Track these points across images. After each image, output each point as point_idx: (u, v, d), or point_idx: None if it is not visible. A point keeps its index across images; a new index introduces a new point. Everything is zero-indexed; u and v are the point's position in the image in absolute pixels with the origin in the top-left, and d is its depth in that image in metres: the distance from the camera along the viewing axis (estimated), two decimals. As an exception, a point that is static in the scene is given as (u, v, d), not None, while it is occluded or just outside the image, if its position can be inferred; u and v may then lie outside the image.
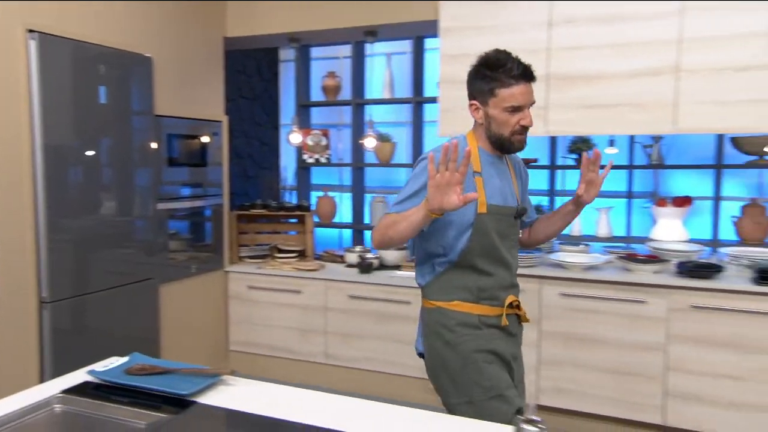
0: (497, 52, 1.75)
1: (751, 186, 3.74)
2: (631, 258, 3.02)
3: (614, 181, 4.08)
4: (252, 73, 4.78)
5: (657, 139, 3.77)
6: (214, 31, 3.76)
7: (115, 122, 2.96)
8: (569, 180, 4.26)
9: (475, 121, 1.80)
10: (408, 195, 1.71)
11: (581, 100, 2.94)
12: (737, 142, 3.42)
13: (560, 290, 2.93)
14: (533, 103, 1.74)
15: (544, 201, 4.17)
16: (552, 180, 4.21)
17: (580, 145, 3.96)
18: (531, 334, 2.99)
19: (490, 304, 1.76)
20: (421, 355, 1.87)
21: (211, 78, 3.76)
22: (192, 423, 1.32)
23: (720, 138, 3.51)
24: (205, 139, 3.65)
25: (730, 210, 3.57)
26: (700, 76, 2.73)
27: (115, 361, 1.60)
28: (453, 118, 3.24)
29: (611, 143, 3.77)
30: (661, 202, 3.57)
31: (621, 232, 4.05)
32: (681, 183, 3.94)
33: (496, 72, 1.70)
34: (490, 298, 1.75)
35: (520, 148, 1.77)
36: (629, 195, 4.07)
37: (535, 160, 4.08)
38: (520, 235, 1.96)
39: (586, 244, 3.43)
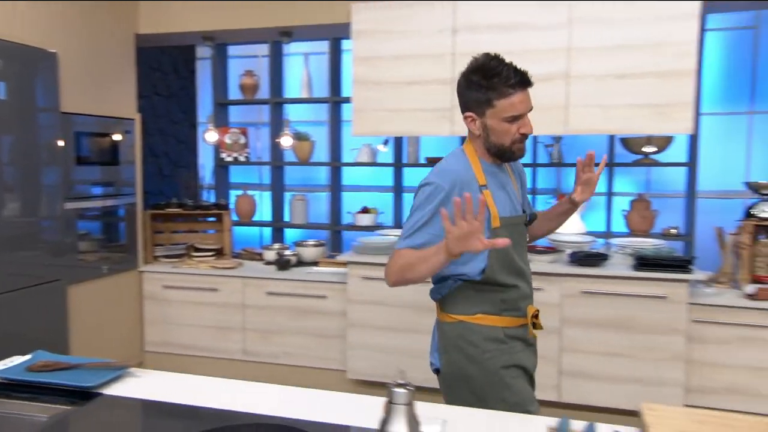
0: (489, 58, 1.65)
1: (639, 182, 4.11)
2: (531, 250, 3.26)
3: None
4: (168, 70, 4.71)
5: (557, 139, 4.07)
6: (124, 28, 3.70)
7: (17, 119, 2.87)
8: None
9: (471, 132, 1.72)
10: (417, 227, 1.62)
11: (484, 103, 3.14)
12: (626, 142, 3.75)
13: (466, 281, 3.11)
14: (531, 108, 1.67)
15: (456, 198, 4.38)
16: (464, 177, 4.43)
17: (489, 145, 4.20)
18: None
19: (513, 315, 1.69)
20: (437, 371, 1.78)
21: (122, 75, 3.69)
22: (96, 413, 1.35)
23: (611, 138, 3.83)
24: (116, 137, 3.59)
25: (621, 204, 3.91)
26: (587, 82, 2.99)
27: (16, 360, 1.60)
28: (366, 118, 3.36)
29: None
30: (561, 197, 3.85)
31: (527, 226, 4.33)
32: (579, 180, 4.27)
33: (491, 81, 1.60)
34: (513, 309, 1.69)
35: (521, 156, 1.72)
36: (533, 192, 4.35)
37: (448, 159, 4.28)
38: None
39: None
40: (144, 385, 1.49)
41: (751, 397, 2.81)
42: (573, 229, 3.66)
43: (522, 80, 1.62)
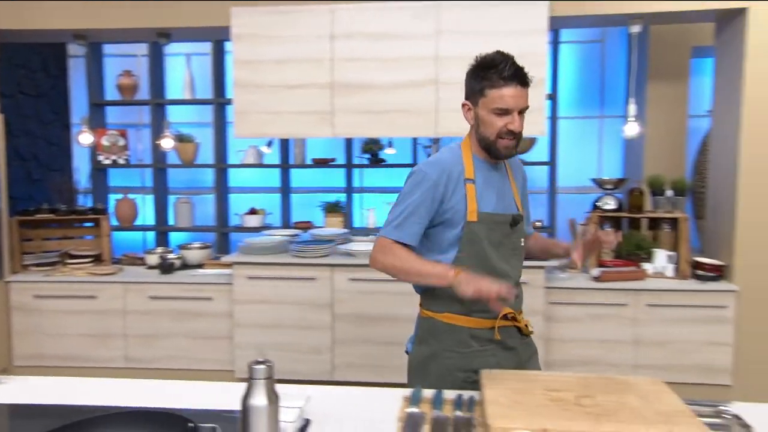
0: (495, 53, 1.65)
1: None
2: (409, 244, 3.47)
3: (401, 178, 4.57)
4: (36, 68, 4.45)
5: (435, 140, 4.34)
6: (-18, 23, 3.47)
7: None
8: (366, 178, 4.68)
9: (470, 126, 1.73)
10: (405, 216, 1.64)
11: (361, 106, 3.31)
12: (495, 143, 4.08)
13: (350, 276, 3.26)
14: (525, 108, 1.64)
15: (341, 197, 4.53)
16: (349, 178, 4.59)
17: (372, 146, 4.39)
18: (325, 318, 3.29)
19: (482, 317, 1.65)
20: (408, 353, 1.80)
21: (-18, 73, 3.46)
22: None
23: (482, 140, 4.14)
24: (-23, 138, 3.36)
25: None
26: (454, 88, 3.24)
27: None
28: (248, 120, 3.41)
29: (390, 144, 4.25)
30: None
31: (409, 223, 4.56)
32: (456, 179, 4.57)
33: (487, 72, 1.62)
34: (483, 310, 1.62)
35: (508, 155, 1.67)
36: (415, 190, 4.59)
37: (333, 160, 4.42)
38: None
39: (375, 234, 3.82)
40: (8, 390, 1.47)
41: (602, 366, 3.19)
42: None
43: (515, 74, 1.59)
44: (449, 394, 1.44)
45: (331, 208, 4.38)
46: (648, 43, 4.10)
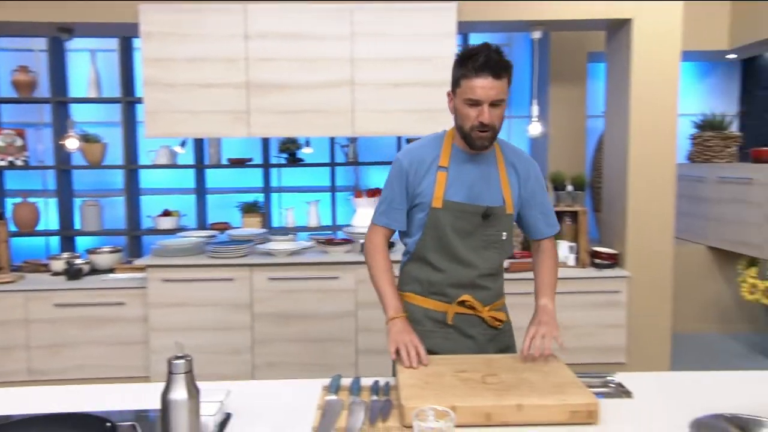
0: (482, 44, 1.62)
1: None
2: (328, 242, 3.52)
3: (319, 177, 4.63)
4: None
5: (353, 139, 4.41)
6: None
7: None
8: (284, 177, 4.68)
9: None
10: (385, 203, 1.75)
11: (277, 106, 3.32)
12: (411, 142, 4.21)
13: (269, 275, 3.27)
14: (499, 100, 1.59)
15: (259, 197, 4.51)
16: (266, 178, 4.57)
17: (289, 145, 4.40)
18: (244, 318, 3.28)
19: (438, 300, 1.72)
20: None
21: None
22: None
23: (399, 139, 4.27)
24: None
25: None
26: (369, 90, 3.33)
27: None
28: (160, 120, 3.33)
29: (307, 144, 4.29)
30: (358, 193, 4.18)
31: (328, 221, 4.62)
32: (374, 176, 4.67)
33: (465, 61, 1.60)
34: (439, 293, 1.72)
35: (481, 147, 1.65)
36: (332, 189, 4.66)
37: (250, 160, 4.39)
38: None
39: (294, 234, 3.85)
40: None
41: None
42: (365, 223, 4.01)
43: (485, 65, 1.56)
44: (366, 381, 1.52)
45: (249, 209, 4.35)
46: (549, 48, 4.38)
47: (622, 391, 1.43)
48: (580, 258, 3.52)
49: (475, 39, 4.61)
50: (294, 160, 4.43)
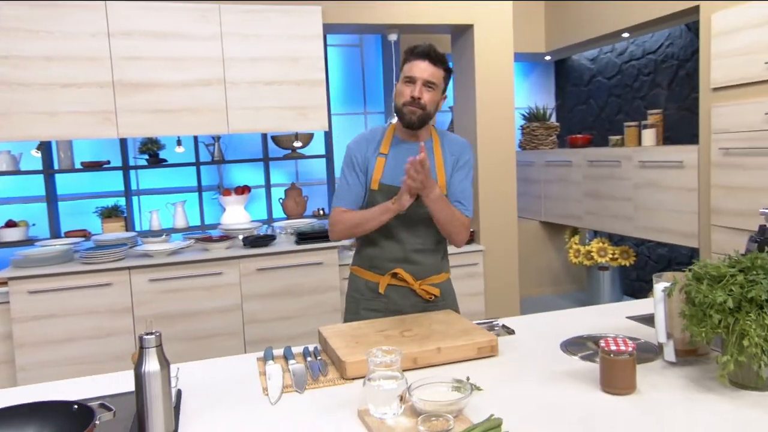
0: (430, 44, 1.87)
1: (289, 173, 4.78)
2: (207, 240, 3.55)
3: (185, 177, 4.56)
4: None
5: (216, 138, 4.42)
6: None
7: None
8: (143, 180, 4.53)
9: None
10: (344, 185, 1.94)
11: (147, 105, 3.28)
12: (276, 139, 4.34)
13: (149, 276, 3.23)
14: (432, 83, 1.83)
15: (121, 201, 4.33)
16: (126, 180, 4.39)
17: (150, 146, 4.28)
18: (126, 323, 3.20)
19: (376, 272, 1.97)
20: None
21: None
22: None
23: (264, 136, 4.37)
24: None
25: (278, 194, 4.50)
26: (242, 88, 3.42)
27: None
28: (11, 122, 3.11)
29: (179, 143, 4.22)
30: (226, 192, 4.22)
31: (196, 221, 4.57)
32: (239, 175, 4.72)
33: (410, 50, 1.86)
34: (376, 267, 1.96)
35: (410, 121, 1.85)
36: (199, 189, 4.61)
37: (107, 162, 4.19)
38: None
39: (168, 235, 3.80)
40: None
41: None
42: (240, 219, 4.08)
43: (424, 51, 1.83)
44: (297, 349, 1.69)
45: (110, 213, 4.16)
46: (400, 49, 4.77)
47: (507, 331, 1.77)
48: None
49: (331, 39, 4.86)
50: (156, 161, 4.32)
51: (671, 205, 3.76)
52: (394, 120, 1.96)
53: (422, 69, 1.82)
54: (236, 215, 4.16)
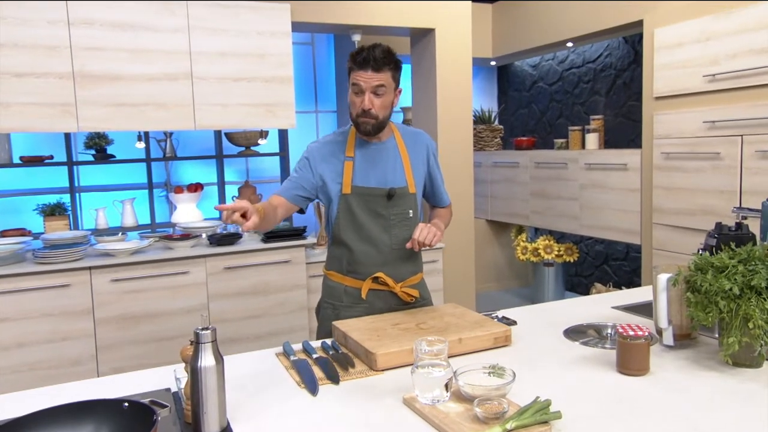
0: (372, 44, 1.81)
1: (239, 171, 4.70)
2: (170, 238, 3.45)
3: (135, 173, 4.38)
4: None
5: (168, 134, 4.27)
6: None
7: None
8: (89, 176, 4.31)
9: None
10: (290, 177, 1.93)
11: (109, 98, 3.14)
12: (230, 136, 4.26)
13: (111, 277, 3.10)
14: (380, 87, 1.78)
15: (65, 198, 4.10)
16: (71, 176, 4.17)
17: (98, 141, 4.08)
18: (85, 325, 3.05)
19: (355, 277, 1.92)
20: None
21: None
22: None
23: (218, 133, 4.28)
24: None
25: (231, 191, 4.42)
26: (209, 83, 3.35)
27: None
28: (-42, 111, 2.90)
29: (139, 138, 4.06)
30: (178, 189, 4.10)
31: (145, 220, 4.41)
32: (191, 172, 4.59)
33: (353, 57, 1.80)
34: (355, 272, 1.92)
35: (366, 132, 1.84)
36: (150, 186, 4.45)
37: (51, 157, 3.96)
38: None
39: (124, 233, 3.65)
40: None
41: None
42: (192, 218, 3.97)
43: (366, 59, 1.76)
44: (316, 344, 1.72)
45: (52, 211, 3.93)
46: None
47: (508, 322, 1.88)
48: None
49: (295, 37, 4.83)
50: (103, 157, 4.12)
51: (615, 204, 4.05)
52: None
53: (367, 78, 1.78)
54: (188, 213, 4.05)
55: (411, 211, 1.96)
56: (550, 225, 4.72)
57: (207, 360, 1.19)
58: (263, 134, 4.12)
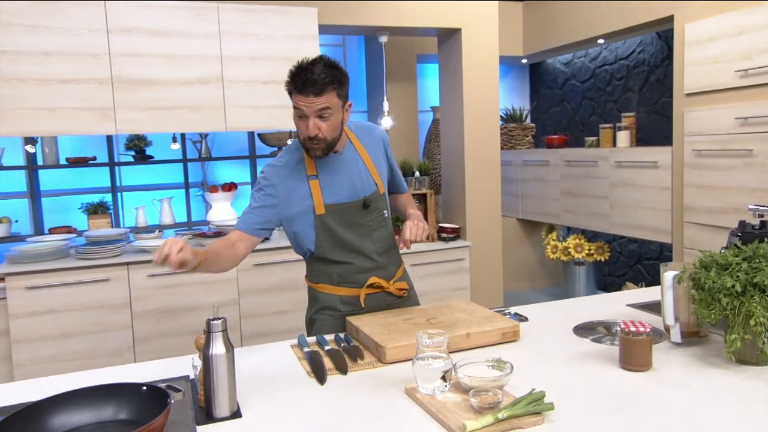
0: (311, 60, 1.69)
1: (276, 171, 4.83)
2: (204, 236, 3.59)
3: (167, 174, 4.56)
4: None
5: (203, 135, 4.43)
6: None
7: None
8: (129, 176, 4.51)
9: None
10: (249, 209, 1.80)
11: (145, 102, 3.29)
12: (263, 137, 4.39)
13: (147, 272, 3.25)
14: (325, 109, 1.67)
15: (107, 197, 4.30)
16: (113, 176, 4.37)
17: (138, 142, 4.27)
18: (124, 318, 3.22)
19: (350, 287, 1.88)
20: None
21: None
22: None
23: (251, 134, 4.42)
24: None
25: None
26: (239, 86, 3.48)
27: None
28: (8, 117, 3.09)
29: (174, 140, 4.23)
30: (213, 189, 4.25)
31: (182, 218, 4.58)
32: (226, 172, 4.74)
33: (293, 79, 1.69)
34: (348, 282, 1.88)
35: (315, 156, 1.75)
36: (186, 185, 4.62)
37: (94, 158, 4.17)
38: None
39: (160, 231, 3.81)
40: None
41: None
42: (227, 216, 4.12)
43: (304, 85, 1.64)
44: (329, 337, 1.79)
45: (95, 210, 4.14)
46: (384, 50, 4.88)
47: (520, 318, 1.91)
48: (430, 233, 4.08)
49: (323, 39, 4.93)
50: (142, 158, 4.31)
51: (646, 203, 4.00)
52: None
53: (308, 103, 1.66)
54: (223, 212, 4.19)
55: (386, 211, 1.94)
56: (581, 224, 4.68)
57: (218, 348, 1.28)
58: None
